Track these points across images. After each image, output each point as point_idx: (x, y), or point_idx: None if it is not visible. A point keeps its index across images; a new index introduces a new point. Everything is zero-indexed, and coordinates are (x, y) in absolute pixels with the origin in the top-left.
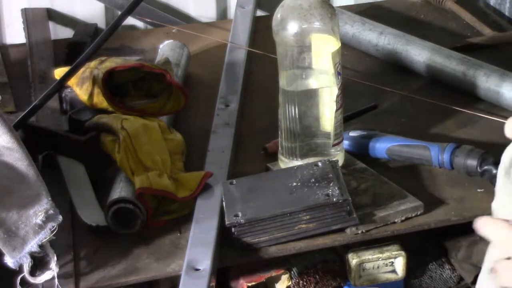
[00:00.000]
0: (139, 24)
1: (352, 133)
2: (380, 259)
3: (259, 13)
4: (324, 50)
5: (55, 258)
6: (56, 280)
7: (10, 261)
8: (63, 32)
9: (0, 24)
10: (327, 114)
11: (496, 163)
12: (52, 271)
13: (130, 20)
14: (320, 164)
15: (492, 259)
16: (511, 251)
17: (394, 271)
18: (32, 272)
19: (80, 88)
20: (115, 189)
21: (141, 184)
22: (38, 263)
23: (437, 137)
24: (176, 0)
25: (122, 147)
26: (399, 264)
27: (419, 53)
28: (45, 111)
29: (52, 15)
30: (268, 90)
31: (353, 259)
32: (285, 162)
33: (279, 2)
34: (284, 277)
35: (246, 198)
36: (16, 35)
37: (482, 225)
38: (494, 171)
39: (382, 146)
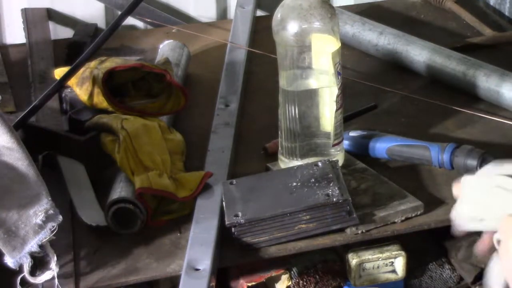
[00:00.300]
0: (139, 24)
1: (352, 133)
2: (380, 259)
3: (259, 13)
4: (324, 50)
5: (55, 258)
6: (56, 280)
7: (10, 261)
8: (63, 32)
9: (0, 24)
10: (327, 114)
11: None
12: (52, 271)
13: (130, 20)
14: (320, 164)
15: None
16: None
17: (394, 271)
18: (32, 272)
19: (80, 88)
20: (115, 189)
21: (141, 184)
22: (38, 263)
23: (437, 137)
24: (176, 0)
25: (122, 147)
26: (399, 264)
27: (419, 53)
28: (45, 111)
29: (52, 15)
30: (268, 90)
31: (353, 259)
32: (285, 162)
33: (279, 2)
34: (284, 277)
35: (246, 198)
36: (16, 35)
37: None
38: None
39: (382, 146)
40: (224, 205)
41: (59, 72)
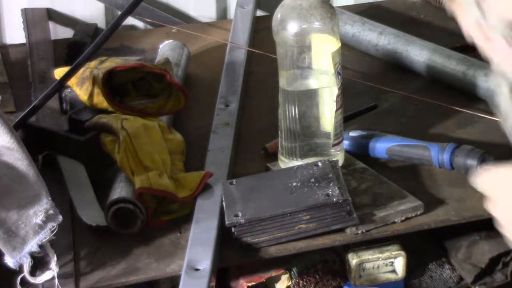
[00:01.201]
0: (139, 24)
1: (352, 133)
2: (380, 259)
3: (259, 13)
4: (324, 50)
5: (55, 258)
6: (56, 280)
7: (10, 261)
8: (63, 32)
9: (0, 24)
10: (327, 114)
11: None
12: (52, 271)
13: (130, 20)
14: (320, 164)
15: None
16: None
17: (394, 271)
18: (32, 272)
19: (80, 88)
20: (115, 189)
21: (141, 184)
22: (38, 263)
23: (437, 137)
24: (176, 0)
25: (122, 147)
26: (399, 264)
27: (419, 53)
28: (45, 111)
29: (52, 15)
30: (268, 90)
31: (353, 259)
32: (285, 162)
33: (279, 2)
34: (284, 277)
35: (246, 198)
36: (16, 35)
37: None
38: None
39: (382, 146)
40: (224, 205)
41: (59, 72)
